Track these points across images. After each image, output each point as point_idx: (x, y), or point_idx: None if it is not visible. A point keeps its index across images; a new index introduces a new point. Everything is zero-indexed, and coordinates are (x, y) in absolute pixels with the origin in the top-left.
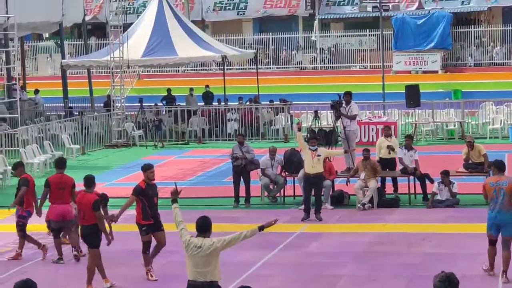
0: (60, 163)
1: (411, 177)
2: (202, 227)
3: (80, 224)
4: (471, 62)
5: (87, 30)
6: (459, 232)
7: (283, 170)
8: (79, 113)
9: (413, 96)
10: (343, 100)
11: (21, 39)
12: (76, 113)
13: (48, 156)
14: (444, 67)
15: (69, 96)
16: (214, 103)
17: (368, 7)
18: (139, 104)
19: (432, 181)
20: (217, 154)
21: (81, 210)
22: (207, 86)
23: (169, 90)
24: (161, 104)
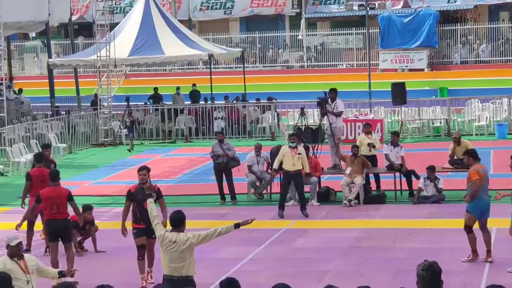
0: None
1: (397, 174)
2: (176, 221)
3: (52, 218)
4: (458, 59)
5: (74, 30)
6: (444, 227)
7: (269, 167)
8: (66, 112)
9: (399, 94)
10: (328, 97)
11: (7, 38)
12: (63, 112)
13: None
14: (430, 65)
15: (56, 95)
16: (201, 102)
17: (354, 5)
18: (126, 103)
19: (418, 177)
20: (203, 152)
21: (54, 204)
22: (194, 85)
23: (155, 89)
24: (148, 102)
